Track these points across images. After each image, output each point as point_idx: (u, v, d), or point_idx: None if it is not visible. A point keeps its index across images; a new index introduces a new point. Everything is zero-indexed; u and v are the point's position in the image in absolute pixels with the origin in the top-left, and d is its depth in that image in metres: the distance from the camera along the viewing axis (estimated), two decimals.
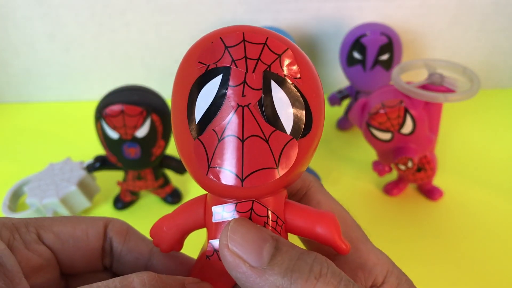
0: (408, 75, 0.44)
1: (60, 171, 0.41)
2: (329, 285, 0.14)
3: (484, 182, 0.42)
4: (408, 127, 0.35)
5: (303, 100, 0.16)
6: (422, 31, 0.53)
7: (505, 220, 0.38)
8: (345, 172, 0.45)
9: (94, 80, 0.58)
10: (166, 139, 0.38)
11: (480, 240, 0.37)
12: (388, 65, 0.46)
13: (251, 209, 0.16)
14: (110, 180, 0.43)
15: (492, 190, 0.41)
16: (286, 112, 0.16)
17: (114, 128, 0.35)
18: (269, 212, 0.17)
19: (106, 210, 0.42)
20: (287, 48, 0.16)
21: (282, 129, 0.16)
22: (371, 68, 0.46)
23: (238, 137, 0.15)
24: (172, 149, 0.40)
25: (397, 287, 0.18)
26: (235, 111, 0.15)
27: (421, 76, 0.40)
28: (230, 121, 0.15)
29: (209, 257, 0.17)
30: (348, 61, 0.47)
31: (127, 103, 0.35)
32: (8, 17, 0.52)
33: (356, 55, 0.46)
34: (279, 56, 0.16)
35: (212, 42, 0.16)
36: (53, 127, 0.54)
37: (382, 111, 0.35)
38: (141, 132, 0.36)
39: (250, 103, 0.15)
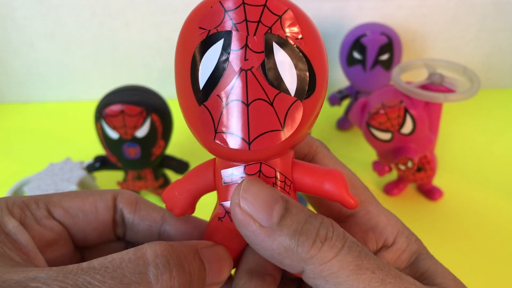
0: (408, 75, 0.44)
1: (60, 171, 0.41)
2: (333, 248, 0.15)
3: (484, 182, 0.42)
4: (408, 127, 0.35)
5: (306, 61, 0.16)
6: (422, 31, 0.53)
7: (505, 220, 0.38)
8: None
9: (94, 80, 0.58)
10: (166, 139, 0.38)
11: (480, 240, 0.37)
12: (388, 65, 0.46)
13: (259, 170, 0.17)
14: (110, 180, 0.43)
15: (492, 190, 0.41)
16: (289, 74, 0.16)
17: (114, 128, 0.35)
18: (277, 173, 0.17)
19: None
20: (288, 9, 0.16)
21: (286, 91, 0.16)
22: (371, 68, 0.46)
23: (243, 102, 0.15)
24: (172, 149, 0.40)
25: (407, 247, 0.19)
26: (239, 75, 0.15)
27: (421, 76, 0.40)
28: (234, 86, 0.15)
29: (221, 219, 0.17)
30: (348, 61, 0.47)
31: (127, 103, 0.35)
32: (8, 17, 0.52)
33: (356, 55, 0.46)
34: (280, 17, 0.16)
35: (211, 7, 0.16)
36: (53, 127, 0.54)
37: (382, 111, 0.35)
38: (141, 132, 0.36)
39: (253, 67, 0.15)
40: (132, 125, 0.35)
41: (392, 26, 0.49)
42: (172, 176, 0.42)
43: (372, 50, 0.45)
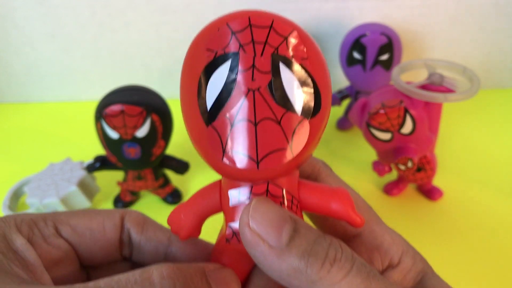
0: (408, 75, 0.44)
1: (60, 171, 0.41)
2: (342, 270, 0.15)
3: (484, 182, 0.42)
4: (408, 127, 0.35)
5: (311, 80, 0.16)
6: (422, 31, 0.53)
7: (505, 220, 0.38)
8: (345, 172, 0.45)
9: (94, 80, 0.58)
10: (166, 139, 0.38)
11: (480, 240, 0.37)
12: (388, 65, 0.46)
13: (267, 190, 0.17)
14: (110, 180, 0.43)
15: (492, 190, 0.41)
16: (296, 93, 0.16)
17: (114, 128, 0.35)
18: (284, 192, 0.17)
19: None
20: (293, 30, 0.16)
21: (293, 110, 0.16)
22: (371, 68, 0.46)
23: (250, 121, 0.16)
24: (172, 149, 0.40)
25: (412, 266, 0.19)
26: (246, 95, 0.16)
27: (421, 76, 0.40)
28: (241, 106, 0.16)
29: (229, 240, 0.17)
30: (348, 61, 0.47)
31: (127, 103, 0.35)
32: (8, 17, 0.52)
33: (356, 55, 0.46)
34: (286, 38, 0.16)
35: (218, 29, 0.16)
36: (53, 127, 0.54)
37: (382, 111, 0.35)
38: (141, 132, 0.36)
39: (260, 87, 0.16)
40: (132, 125, 0.35)
41: (392, 26, 0.49)
42: (172, 176, 0.42)
43: (372, 50, 0.45)
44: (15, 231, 0.17)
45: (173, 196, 0.42)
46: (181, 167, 0.40)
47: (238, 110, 0.16)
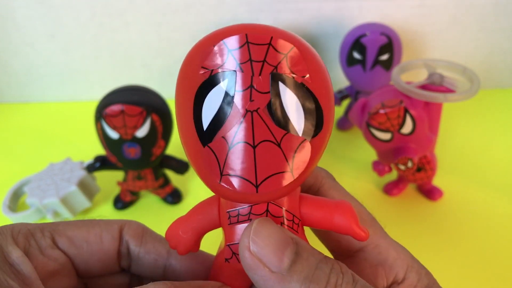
0: (408, 75, 0.44)
1: (60, 171, 0.41)
2: None
3: (484, 182, 0.42)
4: (408, 127, 0.35)
5: (313, 99, 0.15)
6: (422, 31, 0.53)
7: (505, 220, 0.38)
8: (345, 172, 0.45)
9: (94, 80, 0.58)
10: (166, 139, 0.38)
11: (480, 240, 0.37)
12: (388, 65, 0.46)
13: (267, 210, 0.16)
14: (110, 180, 0.43)
15: (492, 190, 0.41)
16: (297, 114, 0.15)
17: (114, 128, 0.35)
18: (285, 212, 0.17)
19: (106, 210, 0.42)
20: (293, 47, 0.15)
21: (294, 131, 0.15)
22: (371, 68, 0.46)
23: (249, 143, 0.15)
24: (172, 149, 0.40)
25: (418, 282, 0.18)
26: (244, 117, 0.15)
27: (421, 76, 0.40)
28: (239, 128, 0.15)
29: (228, 260, 0.17)
30: (348, 61, 0.47)
31: (127, 103, 0.35)
32: (8, 17, 0.52)
33: (356, 55, 0.46)
34: (285, 55, 0.15)
35: (214, 46, 0.15)
36: (53, 127, 0.54)
37: (382, 111, 0.35)
38: (141, 132, 0.36)
39: (259, 108, 0.15)
40: (132, 125, 0.35)
41: (392, 26, 0.49)
42: (172, 176, 0.42)
43: (372, 50, 0.45)
44: (12, 243, 0.17)
45: (173, 196, 0.42)
46: (181, 167, 0.40)
47: (236, 131, 0.15)
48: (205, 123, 0.15)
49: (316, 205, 0.17)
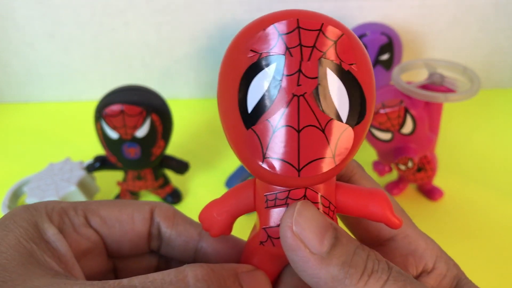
0: (408, 75, 0.44)
1: (60, 171, 0.41)
2: (379, 281, 0.15)
3: (484, 182, 0.42)
4: (408, 127, 0.35)
5: (358, 87, 0.16)
6: (422, 31, 0.53)
7: (505, 220, 0.38)
8: None
9: (94, 80, 0.58)
10: (166, 139, 0.38)
11: (481, 240, 0.37)
12: (388, 65, 0.46)
13: (304, 195, 0.16)
14: (110, 180, 0.43)
15: (492, 190, 0.41)
16: (342, 100, 0.15)
17: (114, 128, 0.35)
18: (321, 198, 0.17)
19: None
20: (343, 34, 0.15)
21: (338, 118, 0.15)
22: None
23: (293, 128, 0.15)
24: (172, 149, 0.40)
25: (447, 272, 0.19)
26: (291, 101, 0.15)
27: (421, 76, 0.40)
28: (285, 112, 0.15)
29: (263, 243, 0.17)
30: None
31: (127, 103, 0.35)
32: (8, 17, 0.52)
33: None
34: (335, 42, 0.15)
35: (264, 29, 0.15)
36: (53, 127, 0.54)
37: (382, 111, 0.35)
38: (141, 132, 0.36)
39: (305, 93, 0.15)
40: (132, 125, 0.35)
41: (392, 26, 0.49)
42: (172, 176, 0.42)
43: (372, 50, 0.45)
44: (47, 220, 0.17)
45: (173, 196, 0.42)
46: (181, 167, 0.40)
47: (282, 115, 0.15)
48: (250, 106, 0.15)
49: (351, 192, 0.17)
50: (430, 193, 0.41)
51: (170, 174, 0.42)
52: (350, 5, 0.51)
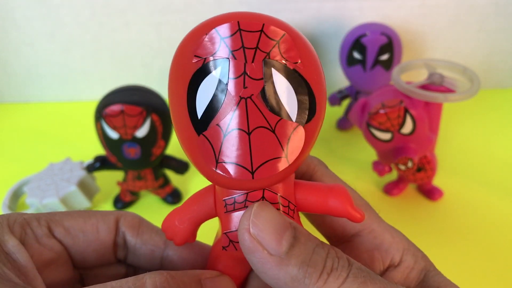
0: (408, 75, 0.44)
1: (60, 171, 0.41)
2: (339, 278, 0.15)
3: (484, 182, 0.42)
4: (408, 127, 0.35)
5: (305, 85, 0.16)
6: (422, 31, 0.53)
7: (505, 220, 0.38)
8: (345, 172, 0.45)
9: (94, 80, 0.58)
10: (166, 139, 0.38)
11: (480, 240, 0.37)
12: (388, 65, 0.46)
13: (262, 197, 0.16)
14: (110, 180, 0.43)
15: (492, 190, 0.41)
16: (290, 99, 0.15)
17: (114, 128, 0.35)
18: (280, 198, 0.17)
19: (106, 210, 0.42)
20: (284, 33, 0.16)
21: (288, 117, 0.15)
22: (371, 68, 0.46)
23: (244, 130, 0.15)
24: (172, 149, 0.40)
25: (414, 265, 0.19)
26: (238, 104, 0.15)
27: (421, 76, 0.40)
28: (234, 115, 0.15)
29: (225, 248, 0.17)
30: (348, 61, 0.47)
31: (127, 103, 0.35)
32: (8, 17, 0.52)
33: (356, 55, 0.46)
34: (278, 42, 0.15)
35: (206, 34, 0.15)
36: (53, 127, 0.54)
37: (382, 111, 0.35)
38: (141, 132, 0.36)
39: (252, 94, 0.15)
40: (132, 125, 0.35)
41: (392, 26, 0.49)
42: (172, 176, 0.42)
43: (372, 50, 0.45)
44: (8, 232, 0.17)
45: (173, 196, 0.42)
46: (181, 167, 0.40)
47: (231, 119, 0.15)
48: (200, 112, 0.15)
49: (310, 189, 0.17)
50: (430, 193, 0.41)
51: (170, 174, 0.42)
52: (350, 5, 0.51)
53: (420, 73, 0.42)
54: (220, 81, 0.15)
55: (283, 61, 0.15)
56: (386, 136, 0.36)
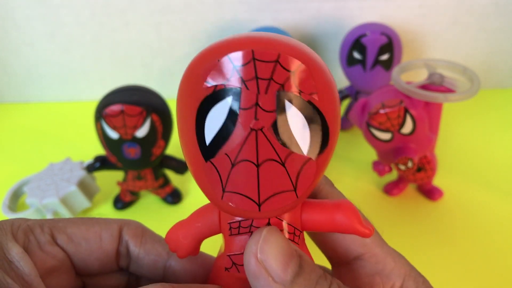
0: (408, 75, 0.44)
1: (60, 171, 0.41)
2: None
3: (484, 182, 0.42)
4: (408, 127, 0.35)
5: (320, 117, 0.15)
6: (422, 31, 0.53)
7: (505, 220, 0.38)
8: (345, 172, 0.45)
9: (94, 80, 0.58)
10: (166, 139, 0.38)
11: (480, 240, 0.37)
12: (388, 65, 0.46)
13: (268, 223, 0.16)
14: (110, 180, 0.43)
15: (492, 190, 0.41)
16: (303, 132, 0.15)
17: (114, 128, 0.35)
18: (286, 225, 0.16)
19: (106, 210, 0.42)
20: (301, 64, 0.15)
21: (299, 150, 0.15)
22: (371, 68, 0.46)
23: (252, 162, 0.15)
24: (172, 149, 0.40)
25: None
26: (248, 135, 0.14)
27: (421, 76, 0.40)
28: (243, 146, 0.15)
29: (228, 269, 0.17)
30: (348, 61, 0.47)
31: (127, 103, 0.35)
32: (8, 17, 0.52)
33: (356, 55, 0.46)
34: (293, 73, 0.15)
35: (218, 60, 0.15)
36: (53, 127, 0.54)
37: (382, 111, 0.35)
38: (141, 132, 0.36)
39: (263, 127, 0.14)
40: (132, 125, 0.35)
41: (392, 26, 0.49)
42: (172, 176, 0.42)
43: (372, 50, 0.45)
44: (11, 239, 0.17)
45: (173, 196, 0.42)
46: (181, 167, 0.40)
47: (240, 149, 0.15)
48: (208, 138, 0.15)
49: (317, 207, 0.17)
50: (430, 193, 0.41)
51: (170, 174, 0.42)
52: (350, 5, 0.51)
53: (420, 73, 0.42)
54: (231, 110, 0.14)
55: (298, 93, 0.15)
56: (386, 136, 0.36)
